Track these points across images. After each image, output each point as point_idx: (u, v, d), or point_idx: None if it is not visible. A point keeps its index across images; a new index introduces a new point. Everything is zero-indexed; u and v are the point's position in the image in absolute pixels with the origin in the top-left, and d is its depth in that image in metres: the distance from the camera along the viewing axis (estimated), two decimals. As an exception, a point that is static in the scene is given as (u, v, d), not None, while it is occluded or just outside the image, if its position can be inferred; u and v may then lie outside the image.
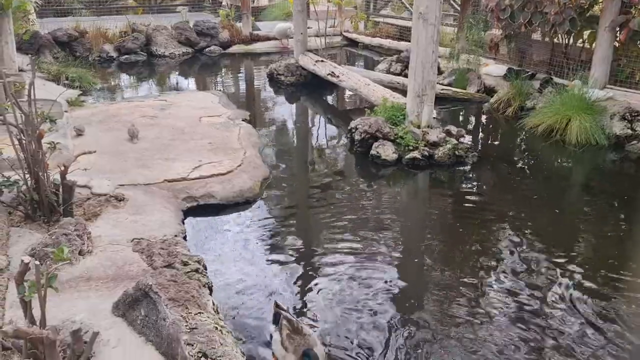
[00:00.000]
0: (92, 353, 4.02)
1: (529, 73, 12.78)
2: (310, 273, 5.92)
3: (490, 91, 13.32)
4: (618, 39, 11.32)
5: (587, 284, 5.70)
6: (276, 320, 4.68)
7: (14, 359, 4.00)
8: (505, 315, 5.17)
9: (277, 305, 4.85)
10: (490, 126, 12.18)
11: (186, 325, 4.07)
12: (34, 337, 3.63)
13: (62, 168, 6.01)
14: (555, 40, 13.06)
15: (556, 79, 12.28)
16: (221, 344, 4.03)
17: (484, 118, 12.52)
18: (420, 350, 4.68)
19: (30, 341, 3.74)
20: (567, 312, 5.22)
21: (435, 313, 5.21)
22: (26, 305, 3.80)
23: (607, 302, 5.37)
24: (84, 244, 5.50)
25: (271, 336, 4.69)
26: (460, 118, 12.55)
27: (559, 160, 9.82)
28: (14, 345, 3.99)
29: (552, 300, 5.41)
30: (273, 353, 4.52)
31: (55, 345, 3.70)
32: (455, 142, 9.25)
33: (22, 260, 3.74)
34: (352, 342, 4.79)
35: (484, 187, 8.59)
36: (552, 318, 5.12)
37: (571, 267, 6.02)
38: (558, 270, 5.95)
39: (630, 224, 7.17)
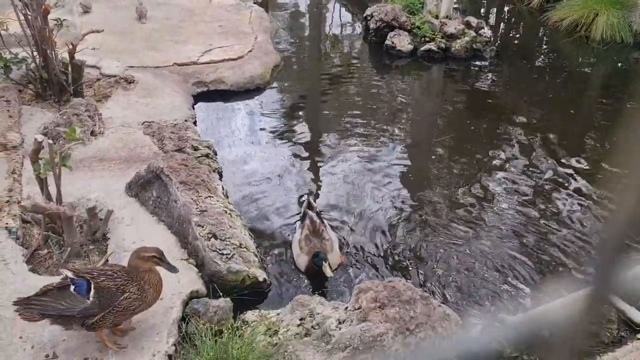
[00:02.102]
0: (107, 229, 4.21)
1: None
2: (320, 159, 6.00)
3: (516, -20, 12.54)
4: None
5: (590, 178, 5.74)
6: (304, 218, 4.66)
7: (33, 231, 4.21)
8: (508, 203, 5.28)
9: (308, 204, 4.78)
10: (513, 19, 11.63)
11: (197, 208, 4.22)
12: (51, 212, 3.79)
13: (70, 47, 5.89)
14: None
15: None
16: (230, 227, 4.19)
17: (507, 9, 11.93)
18: (426, 229, 4.86)
19: (49, 216, 3.91)
20: (565, 200, 5.33)
21: (441, 198, 5.34)
22: (42, 182, 3.93)
23: (606, 194, 5.43)
24: (95, 125, 5.55)
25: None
26: (482, 9, 11.96)
27: (581, 58, 9.49)
28: (33, 219, 4.18)
29: (553, 189, 5.49)
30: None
31: (72, 220, 3.87)
32: (474, 34, 8.90)
33: (36, 139, 3.80)
34: (358, 225, 4.97)
35: (500, 83, 8.39)
36: (551, 207, 5.23)
37: (577, 163, 6.03)
38: (562, 164, 5.97)
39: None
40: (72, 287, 3.04)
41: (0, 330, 3.26)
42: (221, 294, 3.72)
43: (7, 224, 4.08)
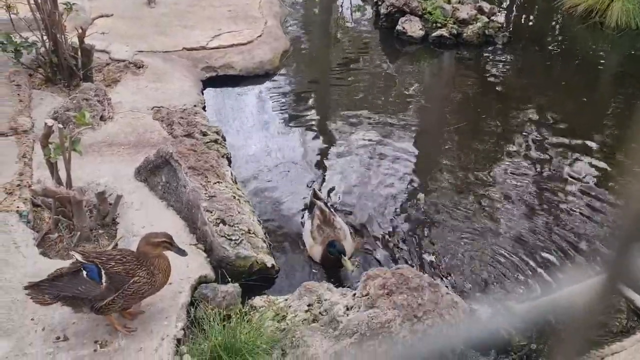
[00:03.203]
0: (117, 214, 4.24)
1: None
2: (329, 145, 5.99)
3: (530, -36, 12.32)
4: None
5: (602, 165, 5.67)
6: (311, 208, 4.66)
7: (44, 215, 4.24)
8: (519, 190, 5.23)
9: (314, 194, 4.77)
10: (526, 4, 11.46)
11: (205, 193, 4.23)
12: (61, 196, 3.81)
13: (80, 31, 5.89)
14: None
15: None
16: (239, 212, 4.20)
17: (520, -5, 11.75)
18: (436, 216, 4.85)
19: (59, 200, 3.94)
20: (577, 188, 5.28)
21: (451, 185, 5.31)
22: (52, 167, 3.95)
23: (619, 182, 5.38)
24: (104, 109, 5.56)
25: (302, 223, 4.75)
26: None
27: (594, 45, 9.34)
28: (44, 203, 4.21)
29: (565, 176, 5.44)
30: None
31: (82, 204, 3.90)
32: (487, 20, 8.78)
33: (46, 123, 3.81)
34: (366, 212, 4.96)
35: (512, 69, 8.29)
36: (562, 194, 5.19)
37: (589, 150, 5.96)
38: (574, 152, 5.91)
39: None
40: (84, 273, 3.07)
41: (12, 313, 3.30)
42: (230, 279, 3.74)
43: (18, 207, 4.11)
